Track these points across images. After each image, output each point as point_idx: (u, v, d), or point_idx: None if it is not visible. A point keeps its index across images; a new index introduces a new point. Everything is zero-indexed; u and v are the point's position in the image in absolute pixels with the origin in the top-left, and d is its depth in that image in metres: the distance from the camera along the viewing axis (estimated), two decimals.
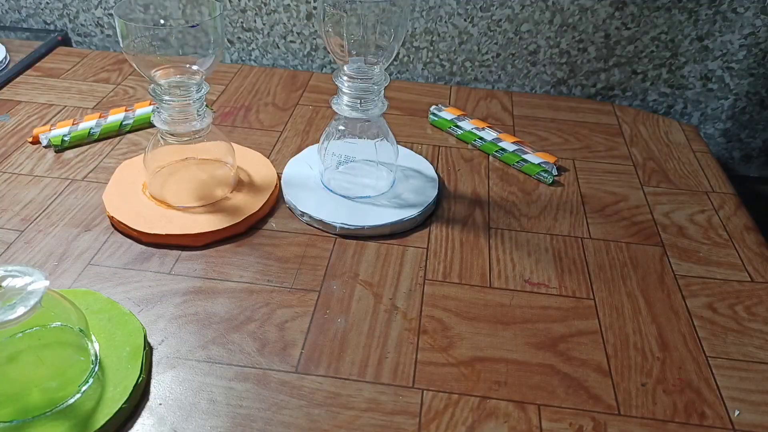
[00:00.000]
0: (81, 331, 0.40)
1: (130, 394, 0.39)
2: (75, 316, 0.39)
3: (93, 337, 0.41)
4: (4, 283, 0.37)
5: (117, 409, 0.38)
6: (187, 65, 0.50)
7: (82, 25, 0.88)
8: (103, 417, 0.37)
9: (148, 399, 0.40)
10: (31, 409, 0.37)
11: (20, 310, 0.35)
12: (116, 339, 0.42)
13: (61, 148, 0.64)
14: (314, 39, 0.84)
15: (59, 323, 0.39)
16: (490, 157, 0.67)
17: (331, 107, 0.55)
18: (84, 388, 0.39)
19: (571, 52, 0.81)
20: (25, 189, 0.58)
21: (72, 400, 0.38)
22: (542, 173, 0.63)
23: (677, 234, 0.57)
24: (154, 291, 0.48)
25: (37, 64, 0.80)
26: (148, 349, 0.43)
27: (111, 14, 0.86)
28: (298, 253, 0.53)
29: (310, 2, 0.81)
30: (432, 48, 0.83)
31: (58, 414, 0.37)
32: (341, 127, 0.56)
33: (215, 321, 0.46)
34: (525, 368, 0.44)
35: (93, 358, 0.40)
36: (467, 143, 0.69)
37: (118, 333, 0.43)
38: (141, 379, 0.40)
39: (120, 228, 0.53)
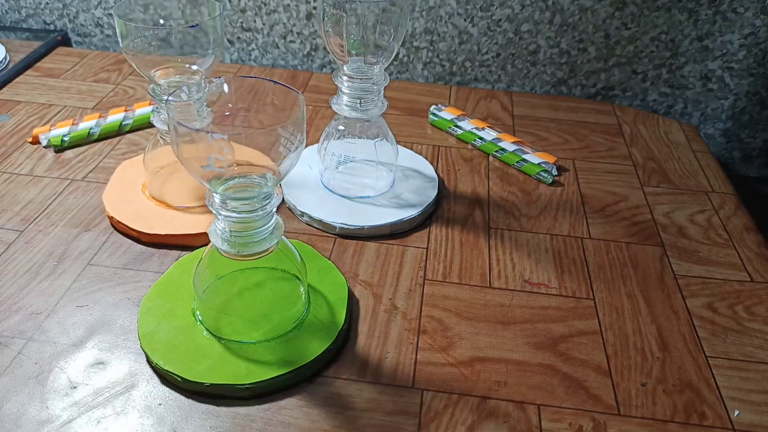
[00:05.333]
0: (297, 278, 0.45)
1: (335, 337, 0.44)
2: (297, 264, 0.44)
3: (306, 284, 0.46)
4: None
5: (324, 348, 0.43)
6: (187, 65, 0.50)
7: (81, 25, 0.88)
8: (313, 353, 0.42)
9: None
10: (269, 330, 0.43)
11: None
12: (323, 288, 0.48)
13: (60, 148, 0.64)
14: (314, 39, 0.84)
15: (284, 268, 0.44)
16: (490, 157, 0.67)
17: (330, 107, 0.55)
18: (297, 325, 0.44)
19: (571, 52, 0.81)
20: (25, 189, 0.58)
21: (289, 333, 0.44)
22: (542, 173, 0.63)
23: (677, 234, 0.57)
24: None
25: (36, 64, 0.80)
26: (352, 300, 0.48)
27: (111, 14, 0.86)
28: None
29: (310, 2, 0.81)
30: (432, 48, 0.83)
31: (285, 339, 0.43)
32: (341, 127, 0.56)
33: None
34: (525, 368, 0.44)
35: (305, 301, 0.45)
36: (467, 143, 0.69)
37: (324, 282, 0.48)
38: (344, 326, 0.45)
39: (120, 228, 0.53)
